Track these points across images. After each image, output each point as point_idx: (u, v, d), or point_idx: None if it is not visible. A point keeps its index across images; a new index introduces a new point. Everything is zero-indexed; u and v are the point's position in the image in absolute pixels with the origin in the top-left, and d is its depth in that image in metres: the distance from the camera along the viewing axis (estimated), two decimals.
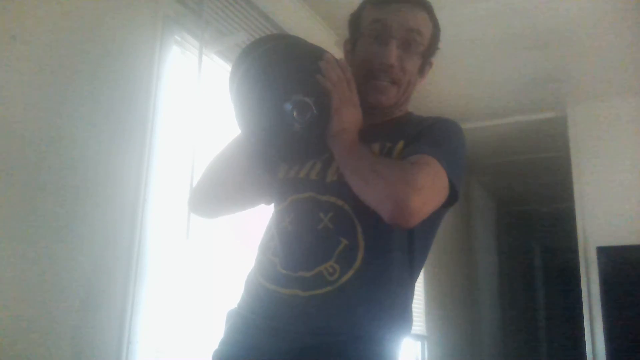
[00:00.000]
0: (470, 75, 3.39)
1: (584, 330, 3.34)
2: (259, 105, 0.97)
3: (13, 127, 1.32)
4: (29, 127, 1.35)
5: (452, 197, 0.97)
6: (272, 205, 1.14)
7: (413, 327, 1.05)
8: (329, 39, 2.64)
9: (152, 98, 1.72)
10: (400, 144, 1.03)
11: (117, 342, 1.53)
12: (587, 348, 3.30)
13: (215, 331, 1.91)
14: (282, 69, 0.99)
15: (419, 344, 3.64)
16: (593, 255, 3.34)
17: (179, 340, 1.78)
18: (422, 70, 1.11)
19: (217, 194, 1.13)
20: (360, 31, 1.10)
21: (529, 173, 5.04)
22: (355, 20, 1.14)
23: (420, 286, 3.67)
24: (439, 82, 3.33)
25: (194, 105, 1.84)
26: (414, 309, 1.05)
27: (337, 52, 1.22)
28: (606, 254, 3.29)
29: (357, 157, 0.97)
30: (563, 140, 3.71)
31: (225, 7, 2.09)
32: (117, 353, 1.52)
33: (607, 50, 3.01)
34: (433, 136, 1.02)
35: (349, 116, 0.99)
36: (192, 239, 1.77)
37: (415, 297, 1.07)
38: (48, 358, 1.35)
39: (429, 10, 1.11)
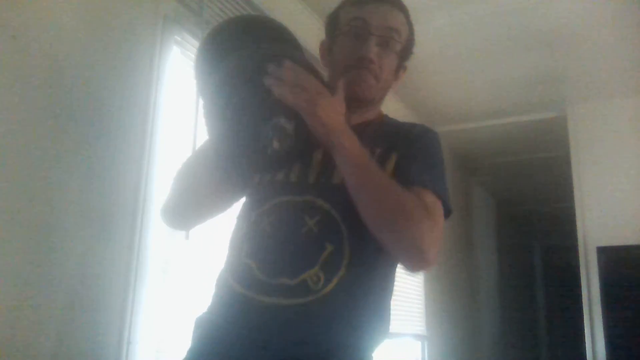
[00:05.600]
0: (471, 75, 3.39)
1: (584, 330, 3.34)
2: (235, 126, 0.90)
3: (12, 127, 1.32)
4: (28, 127, 1.35)
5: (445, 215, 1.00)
6: (243, 202, 1.10)
7: (413, 327, 1.05)
8: None
9: (152, 98, 1.72)
10: (393, 158, 1.02)
11: (117, 342, 1.53)
12: (587, 348, 3.31)
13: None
14: (254, 88, 0.90)
15: (419, 344, 3.64)
16: (593, 255, 3.34)
17: (179, 340, 1.78)
18: (397, 71, 1.12)
19: (189, 205, 1.08)
20: (339, 30, 1.10)
21: (529, 173, 5.04)
22: (333, 20, 1.13)
23: (420, 286, 3.67)
24: (439, 82, 3.34)
25: (194, 105, 1.84)
26: (414, 309, 1.05)
27: None
28: (606, 254, 3.29)
29: (368, 171, 0.93)
30: (563, 140, 3.71)
31: (225, 7, 2.09)
32: (117, 353, 1.52)
33: (607, 50, 3.02)
34: (425, 158, 1.03)
35: (326, 111, 0.91)
36: (192, 239, 1.77)
37: (415, 297, 1.07)
38: (48, 358, 1.35)
39: (405, 13, 1.11)
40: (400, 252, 0.94)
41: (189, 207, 1.09)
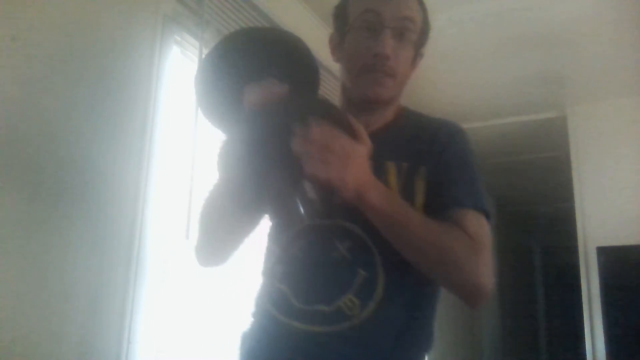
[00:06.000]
0: (471, 75, 3.38)
1: (584, 330, 3.34)
2: (261, 182, 0.88)
3: (13, 128, 1.32)
4: (28, 128, 1.35)
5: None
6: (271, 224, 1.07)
7: None
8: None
9: (152, 98, 1.72)
10: (422, 174, 0.97)
11: (117, 342, 1.53)
12: (587, 348, 3.31)
13: (215, 331, 1.91)
14: (280, 149, 0.86)
15: None
16: (593, 255, 3.34)
17: (179, 340, 1.78)
18: (414, 60, 1.06)
19: (223, 243, 1.04)
20: (349, 23, 1.03)
21: (529, 173, 5.03)
22: (341, 13, 1.07)
23: None
24: (439, 82, 3.33)
25: (194, 105, 1.84)
26: None
27: None
28: (606, 254, 3.29)
29: (403, 224, 0.89)
30: (563, 140, 3.71)
31: (225, 7, 2.09)
32: (117, 353, 1.52)
33: (607, 50, 3.01)
34: (458, 169, 0.99)
35: (355, 174, 0.84)
36: (192, 239, 1.76)
37: None
38: (48, 358, 1.35)
39: None
40: (456, 293, 0.92)
41: (222, 243, 1.05)
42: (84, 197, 1.48)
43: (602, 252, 3.30)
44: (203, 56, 1.89)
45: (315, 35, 1.10)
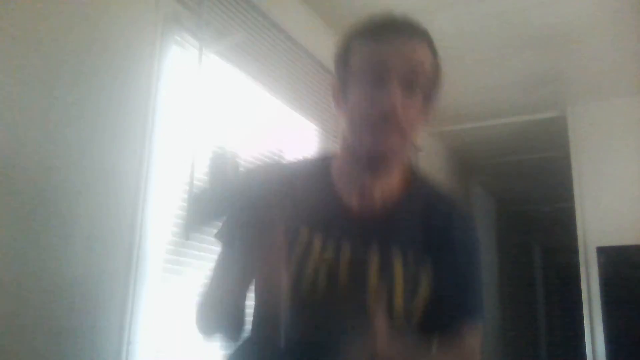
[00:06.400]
0: (471, 75, 3.39)
1: (584, 330, 3.34)
2: None
3: (13, 128, 1.32)
4: (29, 127, 1.36)
5: None
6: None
7: None
8: (328, 39, 2.64)
9: (152, 98, 1.72)
10: (427, 267, 0.94)
11: (117, 342, 1.53)
12: (587, 348, 3.31)
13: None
14: None
15: None
16: (593, 255, 3.34)
17: (179, 340, 1.78)
18: (424, 110, 0.96)
19: (224, 324, 1.05)
20: (351, 71, 0.93)
21: (529, 173, 5.04)
22: (342, 59, 0.96)
23: None
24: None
25: (194, 105, 1.84)
26: None
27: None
28: (606, 254, 3.29)
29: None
30: (563, 140, 3.71)
31: (225, 7, 2.09)
32: (117, 353, 1.52)
33: (607, 50, 3.01)
34: (468, 279, 0.98)
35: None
36: (192, 239, 1.77)
37: None
38: (48, 358, 1.35)
39: (428, 39, 0.95)
40: None
41: (217, 328, 1.06)
42: (85, 197, 1.48)
43: (602, 252, 3.30)
44: (203, 56, 1.89)
45: (315, 35, 1.09)
